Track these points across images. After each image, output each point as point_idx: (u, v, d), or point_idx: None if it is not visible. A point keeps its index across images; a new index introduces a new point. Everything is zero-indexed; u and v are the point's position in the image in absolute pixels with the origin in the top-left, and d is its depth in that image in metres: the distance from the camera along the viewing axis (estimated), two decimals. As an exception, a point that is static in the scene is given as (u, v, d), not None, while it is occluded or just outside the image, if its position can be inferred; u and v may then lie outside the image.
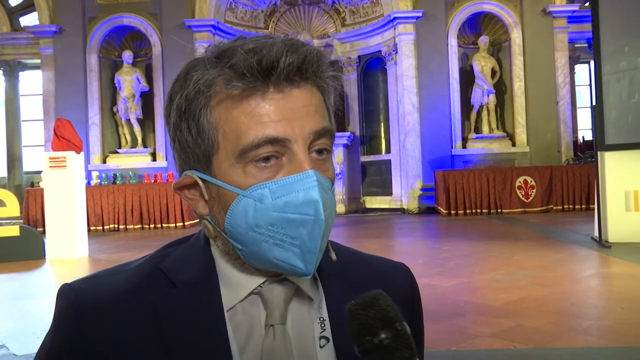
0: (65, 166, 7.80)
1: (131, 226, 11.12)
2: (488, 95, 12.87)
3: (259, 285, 0.71)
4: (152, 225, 11.17)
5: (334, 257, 0.75)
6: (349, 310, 0.59)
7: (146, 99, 13.16)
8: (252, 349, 0.70)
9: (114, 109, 13.27)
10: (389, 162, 13.66)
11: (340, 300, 0.74)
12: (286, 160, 0.65)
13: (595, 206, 7.07)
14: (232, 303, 0.70)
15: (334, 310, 0.74)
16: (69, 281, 0.74)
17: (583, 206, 11.20)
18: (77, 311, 0.69)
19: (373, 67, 14.17)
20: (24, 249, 7.54)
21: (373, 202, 13.99)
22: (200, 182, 0.69)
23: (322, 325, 0.73)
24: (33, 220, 10.54)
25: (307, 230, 0.64)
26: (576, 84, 16.96)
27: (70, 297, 0.70)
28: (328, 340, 0.73)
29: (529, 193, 11.40)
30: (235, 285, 0.71)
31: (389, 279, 0.82)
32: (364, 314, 0.57)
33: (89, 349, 0.67)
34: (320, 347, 0.72)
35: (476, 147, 12.93)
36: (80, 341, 0.68)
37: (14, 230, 7.62)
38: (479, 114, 13.11)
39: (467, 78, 13.12)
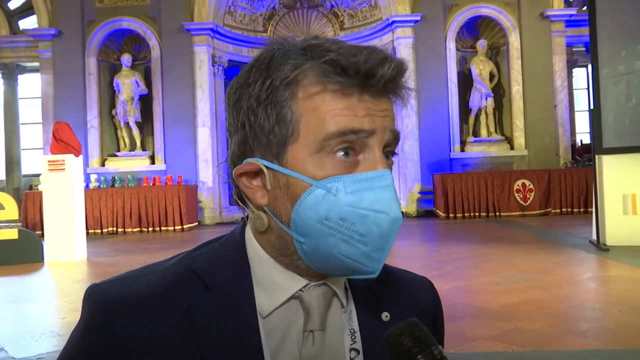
0: (64, 169, 7.81)
1: (130, 229, 11.12)
2: (486, 99, 12.90)
3: (300, 289, 0.69)
4: (150, 229, 11.17)
5: None
6: (388, 336, 0.60)
7: (145, 102, 13.17)
8: (286, 354, 0.68)
9: (113, 112, 13.28)
10: (387, 165, 13.66)
11: (369, 312, 0.74)
12: (362, 157, 0.65)
13: (593, 209, 7.08)
14: (270, 307, 0.69)
15: (364, 322, 0.73)
16: (96, 282, 0.72)
17: (581, 209, 11.23)
18: (108, 312, 0.67)
19: (371, 70, 14.18)
20: (23, 252, 7.53)
21: (372, 205, 13.96)
22: (265, 171, 0.67)
23: (353, 337, 0.72)
24: (31, 223, 10.53)
25: (379, 229, 0.63)
26: (574, 87, 17.01)
27: (100, 299, 0.69)
28: (358, 352, 0.72)
29: (527, 196, 11.42)
30: (275, 288, 0.69)
31: (414, 293, 0.82)
32: (404, 340, 0.59)
33: (121, 351, 0.66)
34: (351, 359, 0.71)
35: (474, 151, 12.95)
36: (112, 343, 0.66)
37: (12, 234, 7.61)
38: (477, 117, 13.14)
39: (466, 81, 13.15)
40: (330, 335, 0.70)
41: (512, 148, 13.01)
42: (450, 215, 11.42)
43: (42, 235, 8.28)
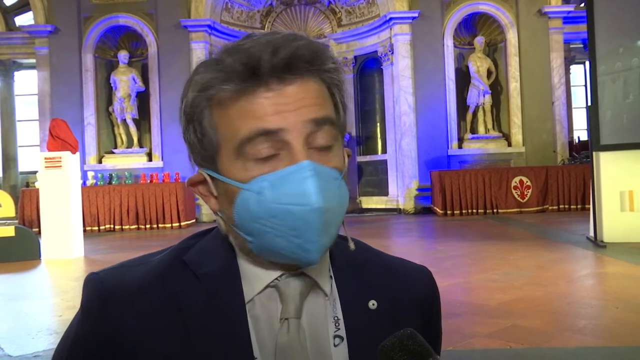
0: (60, 166, 7.78)
1: (127, 226, 11.10)
2: (484, 96, 12.90)
3: (276, 279, 0.71)
4: (148, 226, 11.15)
5: (352, 246, 0.76)
6: (380, 350, 0.60)
7: (142, 99, 13.13)
8: (270, 341, 0.71)
9: (110, 109, 13.24)
10: (385, 162, 13.67)
11: (354, 300, 0.75)
12: (284, 153, 0.66)
13: (591, 206, 7.10)
14: (250, 295, 0.71)
15: (348, 310, 0.74)
16: (94, 270, 0.75)
17: (578, 206, 11.24)
18: (103, 299, 0.71)
19: (369, 67, 14.18)
20: (19, 250, 7.51)
21: (369, 202, 14.00)
22: (208, 179, 0.71)
23: (337, 324, 0.73)
24: (28, 221, 10.51)
25: (304, 221, 0.65)
26: (572, 84, 17.01)
27: (97, 286, 0.72)
28: (342, 339, 0.73)
29: (525, 193, 11.43)
30: (252, 278, 0.72)
31: (408, 282, 0.81)
32: (395, 355, 0.59)
33: (114, 336, 0.69)
34: (335, 345, 0.72)
35: (472, 148, 12.96)
36: (106, 328, 0.69)
37: (9, 231, 7.60)
38: (474, 114, 13.14)
39: (463, 78, 13.15)
40: (311, 324, 0.72)
41: (509, 145, 13.01)
42: (448, 212, 11.42)
43: (39, 232, 8.25)
